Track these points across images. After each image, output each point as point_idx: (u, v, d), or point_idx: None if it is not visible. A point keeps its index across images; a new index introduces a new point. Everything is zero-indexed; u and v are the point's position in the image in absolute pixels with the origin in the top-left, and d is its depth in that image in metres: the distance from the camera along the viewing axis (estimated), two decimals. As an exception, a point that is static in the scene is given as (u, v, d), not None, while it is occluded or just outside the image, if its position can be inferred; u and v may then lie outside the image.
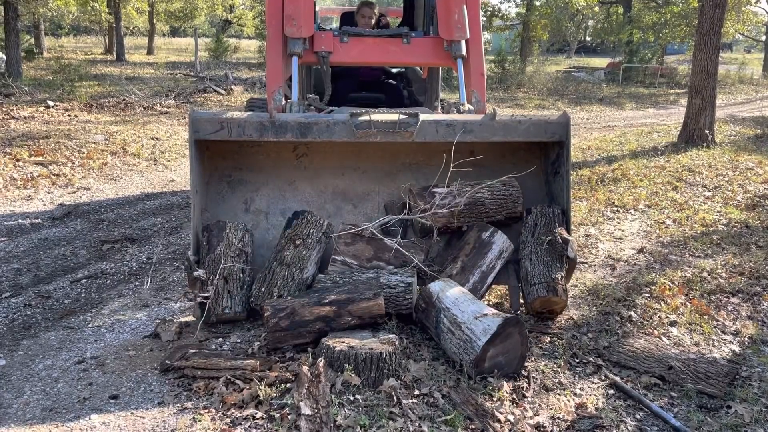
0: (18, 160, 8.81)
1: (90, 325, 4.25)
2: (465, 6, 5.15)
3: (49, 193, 7.79)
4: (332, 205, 4.61)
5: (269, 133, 4.07)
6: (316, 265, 4.14)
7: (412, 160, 4.72)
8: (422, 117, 4.18)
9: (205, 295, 3.90)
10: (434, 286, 3.87)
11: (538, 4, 32.77)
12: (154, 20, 34.99)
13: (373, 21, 6.47)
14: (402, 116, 4.14)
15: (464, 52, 5.10)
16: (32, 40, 27.70)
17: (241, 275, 4.04)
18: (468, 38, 5.13)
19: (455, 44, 5.11)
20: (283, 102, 4.66)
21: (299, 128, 4.08)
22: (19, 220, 6.62)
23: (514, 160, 4.71)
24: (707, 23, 11.56)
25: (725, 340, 4.17)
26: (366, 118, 4.09)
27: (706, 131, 11.61)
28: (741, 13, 32.14)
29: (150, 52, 34.33)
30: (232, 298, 3.97)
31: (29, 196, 7.59)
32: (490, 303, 4.55)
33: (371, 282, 3.72)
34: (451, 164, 4.25)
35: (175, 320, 4.17)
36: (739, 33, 38.81)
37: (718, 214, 7.13)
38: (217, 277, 3.91)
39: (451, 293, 3.78)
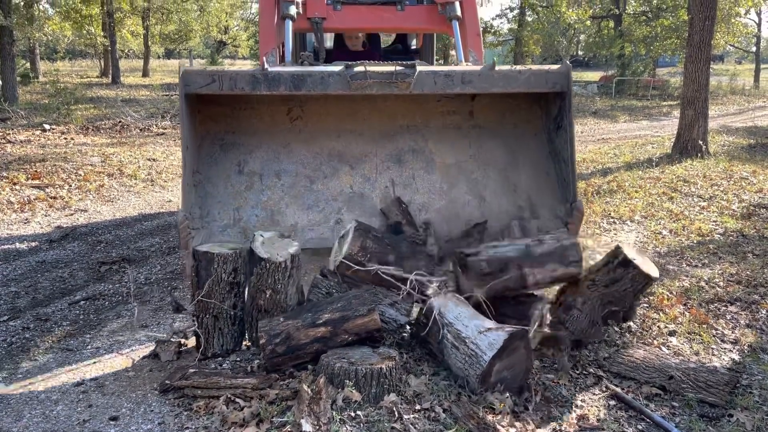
0: (15, 184, 8.83)
1: (89, 347, 4.24)
2: None
3: (46, 215, 7.79)
4: (328, 166, 4.46)
5: (262, 86, 3.90)
6: (298, 293, 3.97)
7: (410, 121, 4.58)
8: (419, 68, 4.05)
9: (195, 329, 3.88)
10: (435, 302, 3.86)
11: (530, 20, 33.10)
12: (149, 43, 35.22)
13: (361, 41, 6.45)
14: (399, 67, 3.99)
15: (459, 13, 5.16)
16: (28, 65, 27.85)
17: (232, 312, 3.89)
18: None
19: (449, 6, 5.18)
20: (276, 63, 4.62)
21: (293, 80, 3.91)
22: (17, 244, 6.62)
23: (514, 120, 4.60)
24: (697, 35, 11.68)
25: (725, 348, 4.17)
26: (361, 69, 3.94)
27: (700, 142, 11.69)
28: (731, 24, 32.44)
29: (145, 74, 34.53)
30: (224, 336, 3.88)
31: (26, 219, 7.60)
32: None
33: (365, 297, 3.70)
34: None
35: (174, 340, 4.15)
36: (730, 44, 39.18)
37: (714, 223, 7.16)
38: (207, 316, 3.82)
39: (452, 308, 3.78)
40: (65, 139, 12.98)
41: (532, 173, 4.45)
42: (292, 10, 4.83)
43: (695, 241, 6.46)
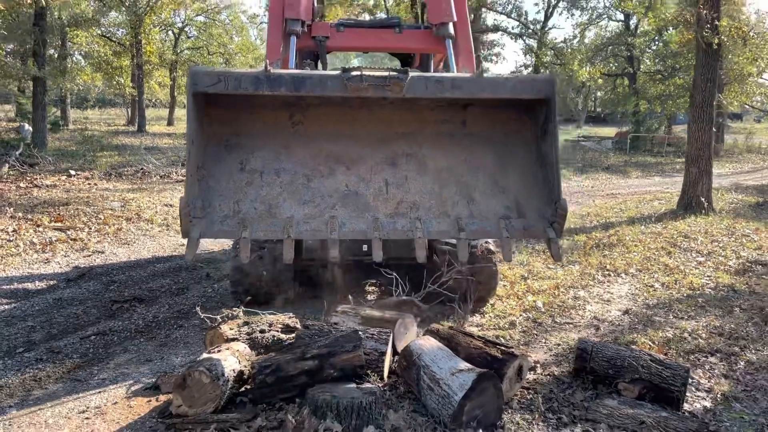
0: (38, 226, 9.30)
1: (96, 378, 4.54)
2: None
3: (65, 256, 8.20)
4: (325, 166, 4.63)
5: (264, 86, 4.13)
6: None
7: (406, 129, 4.81)
8: (412, 73, 4.30)
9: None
10: (414, 345, 4.12)
11: (544, 77, 33.79)
12: (176, 93, 36.49)
13: None
14: (392, 72, 4.26)
15: (452, 33, 5.68)
16: (59, 113, 29.01)
17: None
18: (455, 21, 5.73)
19: (443, 27, 5.72)
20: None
21: (293, 82, 4.16)
22: (36, 282, 7.01)
23: (505, 130, 4.82)
24: (699, 96, 12.04)
25: (698, 396, 4.34)
26: (357, 73, 4.21)
27: (702, 199, 11.88)
28: (745, 85, 32.84)
29: (170, 123, 35.68)
30: None
31: (47, 259, 8.01)
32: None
33: (351, 336, 3.97)
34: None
35: (175, 373, 4.43)
36: (746, 104, 39.50)
37: (707, 278, 7.33)
38: None
39: (430, 350, 4.03)
40: (89, 184, 13.56)
41: (520, 177, 4.65)
42: (297, 26, 5.37)
43: (685, 295, 6.63)
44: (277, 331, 4.73)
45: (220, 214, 4.26)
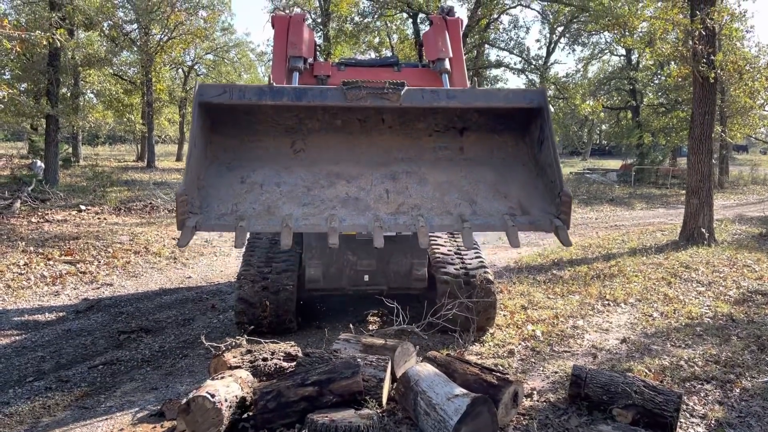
0: (49, 260, 9.50)
1: (102, 406, 4.66)
2: (447, 33, 6.28)
3: (75, 288, 8.37)
4: (326, 180, 4.71)
5: (267, 96, 4.32)
6: None
7: (405, 154, 4.93)
8: (408, 87, 4.50)
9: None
10: (412, 371, 4.23)
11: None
12: (185, 129, 37.11)
13: None
14: (389, 83, 4.49)
15: (448, 67, 6.06)
16: (70, 149, 29.53)
17: None
18: (451, 57, 6.13)
19: (440, 62, 6.11)
20: None
21: (295, 93, 4.35)
22: (46, 314, 7.17)
23: (502, 155, 4.95)
24: (698, 129, 12.24)
25: (692, 422, 4.41)
26: (356, 83, 4.43)
27: (703, 230, 11.98)
28: (747, 117, 33.08)
29: (179, 158, 36.17)
30: None
31: (57, 291, 8.18)
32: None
33: (349, 361, 4.10)
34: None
35: (180, 400, 4.54)
36: (751, 136, 39.71)
37: (706, 308, 7.40)
38: None
39: (427, 377, 4.14)
40: (99, 219, 13.81)
41: (522, 186, 4.75)
42: (299, 63, 5.79)
43: (683, 324, 6.71)
44: (279, 359, 4.85)
45: (217, 213, 4.33)
